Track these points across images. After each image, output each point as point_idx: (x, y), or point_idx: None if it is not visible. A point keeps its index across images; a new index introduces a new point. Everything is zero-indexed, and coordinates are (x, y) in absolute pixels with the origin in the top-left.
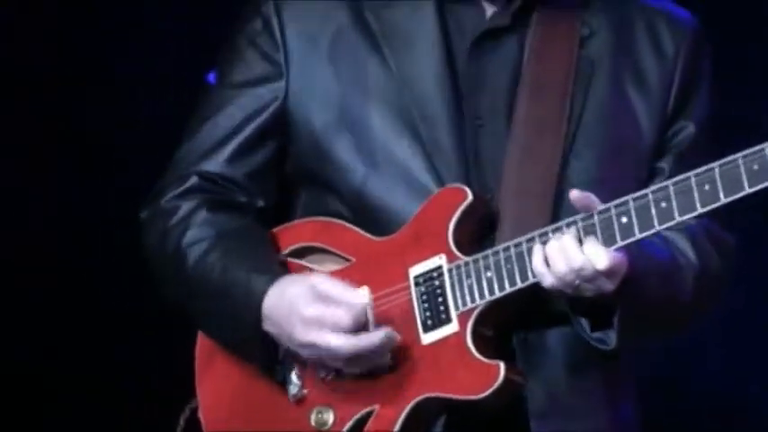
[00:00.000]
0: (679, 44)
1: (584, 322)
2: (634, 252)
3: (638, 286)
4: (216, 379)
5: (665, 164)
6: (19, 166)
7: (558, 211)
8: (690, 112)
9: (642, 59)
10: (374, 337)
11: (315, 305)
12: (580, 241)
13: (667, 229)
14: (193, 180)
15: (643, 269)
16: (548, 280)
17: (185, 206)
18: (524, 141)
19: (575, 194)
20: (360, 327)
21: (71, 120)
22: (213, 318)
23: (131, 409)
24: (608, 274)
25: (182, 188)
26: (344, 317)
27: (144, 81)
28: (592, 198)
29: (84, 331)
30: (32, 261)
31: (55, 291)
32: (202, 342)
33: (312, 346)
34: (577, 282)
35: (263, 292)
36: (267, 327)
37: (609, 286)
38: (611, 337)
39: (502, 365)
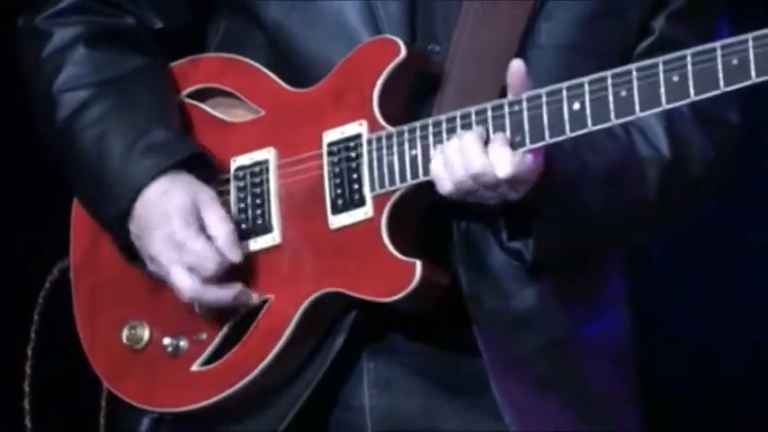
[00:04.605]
0: None
1: (503, 231)
2: (564, 152)
3: (561, 193)
4: (93, 236)
5: (656, 23)
6: None
7: None
8: None
9: None
10: (223, 294)
11: (186, 227)
12: (487, 139)
13: None
14: None
15: (571, 173)
16: (445, 186)
17: (60, 34)
18: None
19: (514, 65)
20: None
21: None
22: (78, 181)
23: None
24: (511, 182)
25: (61, 5)
26: (207, 261)
27: None
28: (526, 80)
29: None
30: None
31: None
32: None
33: (159, 266)
34: (476, 188)
35: (143, 186)
36: (131, 222)
37: (513, 195)
38: (530, 248)
39: (419, 264)
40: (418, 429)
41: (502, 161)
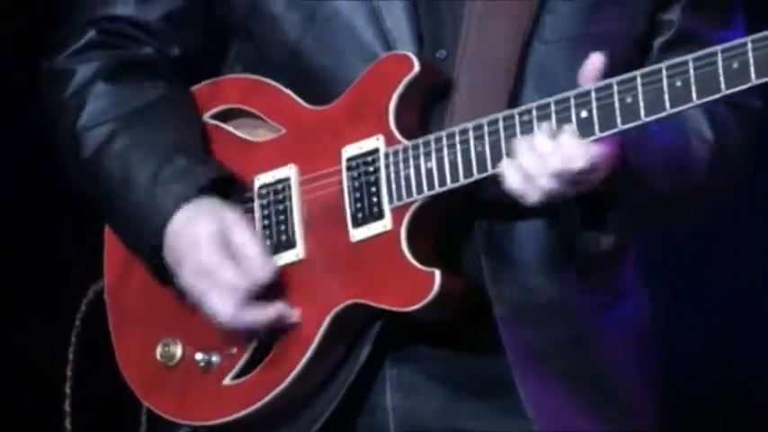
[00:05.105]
0: None
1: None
2: (630, 137)
3: (634, 176)
4: (126, 258)
5: (672, 15)
6: None
7: (522, 79)
8: None
9: None
10: (263, 314)
11: (215, 254)
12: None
13: None
14: (92, 33)
15: (641, 155)
16: (531, 199)
17: (82, 71)
18: None
19: (595, 59)
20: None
21: None
22: (111, 215)
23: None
24: (588, 171)
25: (79, 43)
26: (240, 285)
27: None
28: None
29: None
30: None
31: None
32: None
33: (192, 297)
34: (560, 187)
35: (170, 216)
36: (166, 253)
37: (594, 182)
38: (607, 235)
39: (438, 274)
40: (439, 430)
41: (575, 154)
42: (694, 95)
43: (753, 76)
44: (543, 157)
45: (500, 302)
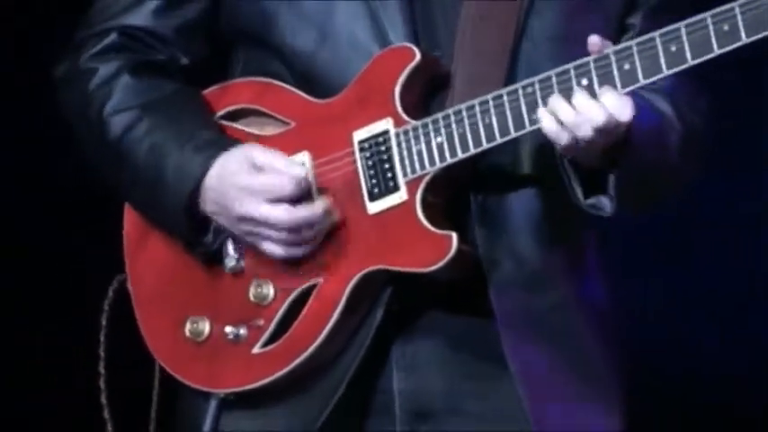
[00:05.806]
0: None
1: (578, 188)
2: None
3: (635, 143)
4: (147, 247)
5: (634, 20)
6: None
7: (514, 72)
8: None
9: None
10: (316, 206)
11: (251, 175)
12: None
13: (641, 89)
14: (113, 37)
15: (638, 125)
16: (563, 139)
17: (104, 68)
18: None
19: (593, 39)
20: (301, 197)
21: None
22: (138, 193)
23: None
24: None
25: (100, 46)
26: (286, 185)
27: None
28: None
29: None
30: None
31: None
32: (131, 210)
33: (250, 219)
34: (592, 136)
35: (203, 173)
36: (205, 206)
37: (620, 134)
38: (604, 203)
39: (454, 236)
40: (443, 410)
41: (624, 108)
42: (689, 56)
43: (743, 35)
44: (586, 114)
45: (493, 270)
